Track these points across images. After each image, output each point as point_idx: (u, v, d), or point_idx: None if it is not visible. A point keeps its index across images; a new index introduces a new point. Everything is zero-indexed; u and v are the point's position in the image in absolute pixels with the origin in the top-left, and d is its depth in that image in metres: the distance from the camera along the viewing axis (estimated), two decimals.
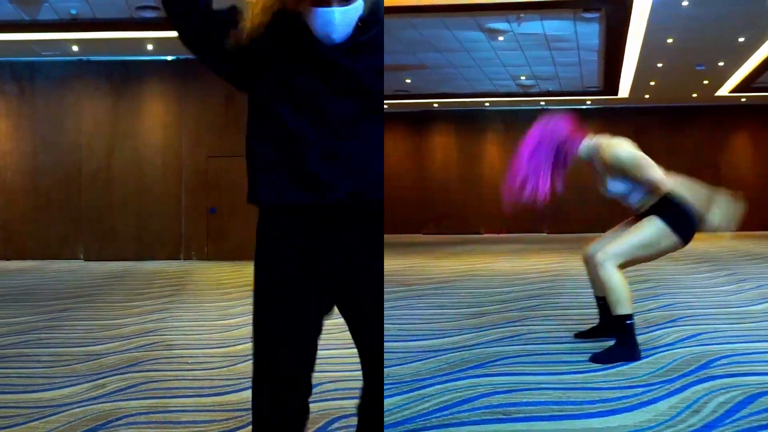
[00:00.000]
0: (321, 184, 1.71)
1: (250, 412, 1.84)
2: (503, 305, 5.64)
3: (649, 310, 5.19)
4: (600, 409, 2.85)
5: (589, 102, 17.36)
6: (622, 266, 3.62)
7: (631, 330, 3.55)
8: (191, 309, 6.15)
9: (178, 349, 4.48)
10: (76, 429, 2.89)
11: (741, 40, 11.78)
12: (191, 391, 3.47)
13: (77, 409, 3.17)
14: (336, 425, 2.86)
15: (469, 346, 4.10)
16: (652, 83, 15.14)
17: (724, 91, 15.93)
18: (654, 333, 4.34)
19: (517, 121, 18.17)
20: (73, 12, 9.86)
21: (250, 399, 1.82)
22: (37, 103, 12.11)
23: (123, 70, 12.01)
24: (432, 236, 17.15)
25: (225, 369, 3.92)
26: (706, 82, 15.08)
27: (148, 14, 9.97)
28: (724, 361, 3.58)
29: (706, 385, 3.15)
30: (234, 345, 4.55)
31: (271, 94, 1.77)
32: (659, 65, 13.48)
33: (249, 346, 4.37)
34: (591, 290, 4.15)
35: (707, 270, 8.02)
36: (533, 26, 10.91)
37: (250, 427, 1.87)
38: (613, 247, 3.61)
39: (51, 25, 10.39)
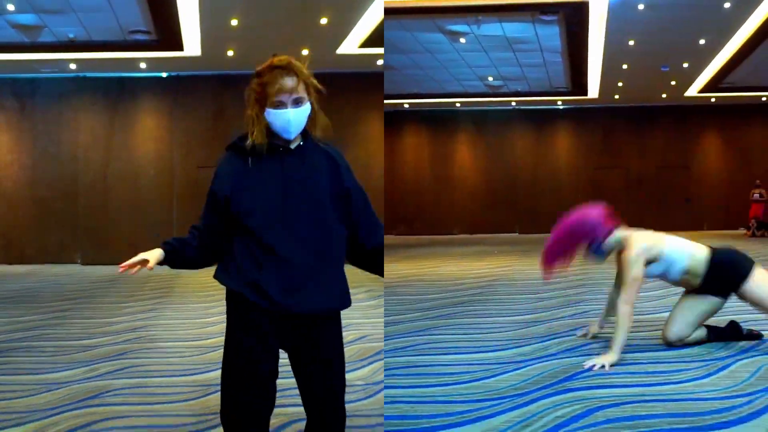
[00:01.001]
0: (278, 305, 2.16)
1: (213, 390, 2.46)
2: (422, 313, 5.90)
3: (560, 318, 5.17)
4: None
5: (560, 103, 17.72)
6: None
7: None
8: (176, 309, 6.95)
9: (161, 341, 5.28)
10: (74, 398, 3.70)
11: (702, 42, 12.15)
12: (167, 373, 4.28)
13: (75, 386, 3.98)
14: None
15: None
16: (620, 84, 15.49)
17: (692, 91, 16.24)
18: (546, 343, 4.31)
19: (488, 122, 18.64)
20: (71, 36, 10.66)
21: (216, 380, 2.39)
22: (36, 117, 12.91)
23: (118, 86, 12.82)
24: (403, 237, 17.10)
25: (196, 357, 4.72)
26: (673, 83, 15.44)
27: (141, 37, 10.78)
28: (589, 372, 3.54)
29: (556, 398, 3.11)
30: (207, 339, 5.35)
31: (241, 206, 2.20)
32: (624, 66, 13.85)
33: (219, 340, 5.23)
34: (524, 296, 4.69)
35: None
36: (493, 28, 11.17)
37: (212, 397, 2.61)
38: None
39: (50, 46, 11.19)
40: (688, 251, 4.04)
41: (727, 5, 10.26)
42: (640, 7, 10.22)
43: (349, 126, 13.08)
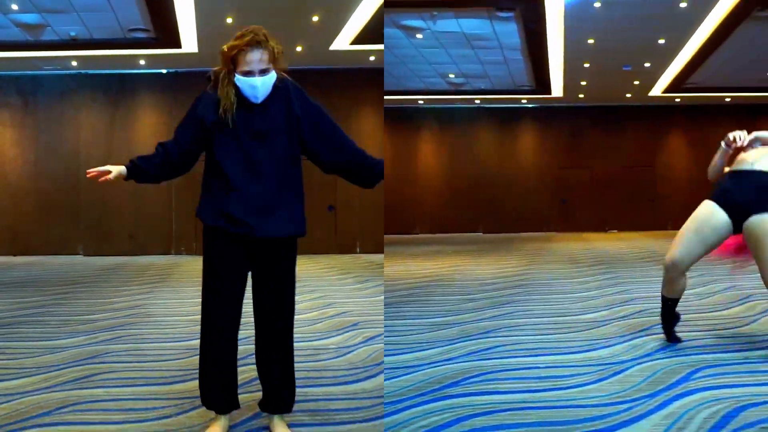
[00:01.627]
0: (245, 225, 2.60)
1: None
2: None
3: (479, 320, 4.86)
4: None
5: (524, 101, 17.46)
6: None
7: None
8: (173, 291, 7.37)
9: (156, 316, 5.71)
10: (76, 358, 4.14)
11: (661, 42, 12.17)
12: (160, 340, 4.70)
13: (77, 349, 4.42)
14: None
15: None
16: (584, 83, 15.43)
17: (657, 91, 16.26)
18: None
19: (452, 120, 18.31)
20: (72, 34, 11.08)
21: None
22: (39, 114, 13.34)
23: (118, 83, 13.23)
24: None
25: (189, 327, 5.14)
26: (637, 82, 15.42)
27: (140, 35, 11.19)
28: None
29: (430, 405, 2.97)
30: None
31: (218, 149, 2.67)
32: (586, 65, 13.79)
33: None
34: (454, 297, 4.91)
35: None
36: (449, 24, 10.98)
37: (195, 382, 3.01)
38: None
39: (52, 45, 11.60)
40: None
41: (683, 5, 10.29)
42: (597, 5, 10.22)
43: (343, 121, 13.44)
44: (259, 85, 2.63)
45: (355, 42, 11.66)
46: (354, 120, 13.59)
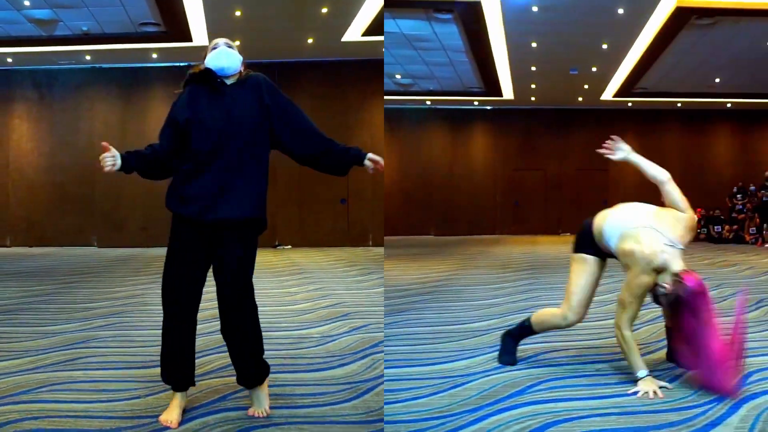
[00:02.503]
0: (194, 208, 2.74)
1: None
2: None
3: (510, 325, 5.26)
4: None
5: (476, 103, 17.30)
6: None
7: None
8: None
9: (153, 305, 5.81)
10: (65, 343, 4.25)
11: (604, 47, 12.22)
12: (150, 327, 4.80)
13: (68, 335, 4.53)
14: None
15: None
16: (533, 86, 15.43)
17: (608, 95, 16.23)
18: (494, 354, 3.80)
19: (402, 120, 17.77)
20: (84, 29, 11.25)
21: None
22: (54, 107, 13.57)
23: (131, 77, 13.41)
24: None
25: None
26: (586, 86, 15.42)
27: (151, 29, 11.34)
28: (543, 386, 3.26)
29: (506, 414, 2.88)
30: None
31: (189, 140, 2.78)
32: (533, 68, 13.77)
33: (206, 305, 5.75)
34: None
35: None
36: (387, 25, 10.86)
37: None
38: None
39: (66, 39, 11.80)
40: None
41: (620, 11, 10.35)
42: (534, 9, 10.21)
43: (354, 113, 13.55)
44: (224, 53, 2.84)
45: (366, 33, 11.69)
46: (366, 111, 13.65)
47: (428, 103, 17.32)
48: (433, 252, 12.00)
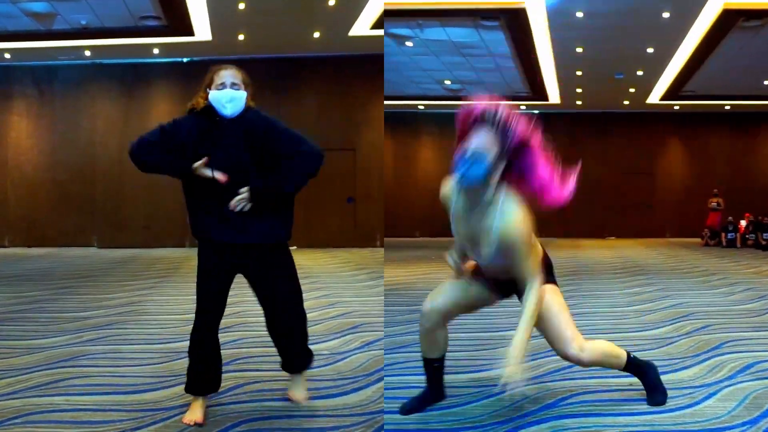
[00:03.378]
0: (232, 233, 2.85)
1: (182, 356, 2.66)
2: None
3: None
4: None
5: (523, 107, 17.13)
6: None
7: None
8: (176, 287, 7.12)
9: (149, 314, 5.44)
10: (50, 360, 3.87)
11: (650, 50, 12.13)
12: (144, 341, 4.42)
13: (55, 350, 4.14)
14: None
15: None
16: (579, 90, 15.37)
17: (654, 98, 16.10)
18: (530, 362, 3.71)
19: (452, 125, 18.18)
20: (83, 22, 10.88)
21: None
22: (55, 104, 13.21)
23: (133, 72, 13.04)
24: None
25: (178, 327, 4.85)
26: (632, 90, 15.31)
27: (151, 23, 10.96)
28: (574, 399, 3.21)
29: (542, 426, 2.86)
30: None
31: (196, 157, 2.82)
32: (578, 73, 13.76)
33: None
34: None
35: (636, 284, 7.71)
36: (436, 33, 11.15)
37: (178, 362, 2.71)
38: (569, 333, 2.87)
39: (65, 34, 11.42)
40: None
41: (666, 15, 10.26)
42: (579, 14, 10.18)
43: (363, 108, 13.14)
44: (228, 96, 2.84)
45: (375, 27, 11.27)
46: (374, 107, 13.24)
47: None
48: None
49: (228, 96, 2.83)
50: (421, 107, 17.79)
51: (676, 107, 17.05)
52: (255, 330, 4.58)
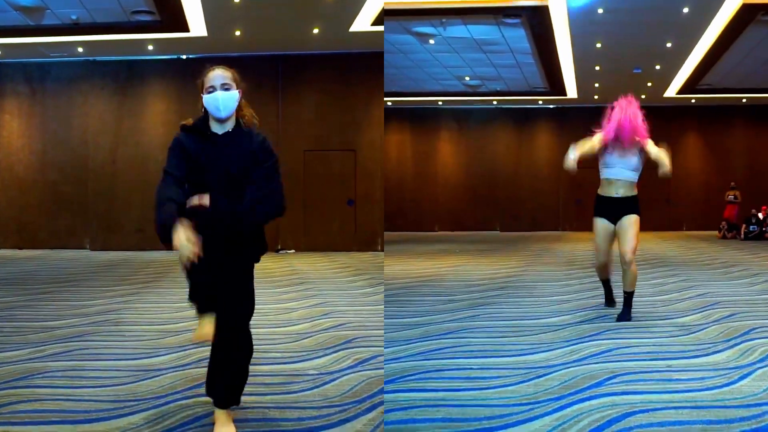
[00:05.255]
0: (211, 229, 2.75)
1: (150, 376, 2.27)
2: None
3: (580, 322, 5.24)
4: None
5: (540, 102, 17.65)
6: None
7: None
8: (160, 293, 6.70)
9: (126, 324, 5.02)
10: (3, 379, 3.43)
11: (669, 45, 12.18)
12: (112, 357, 3.99)
13: (10, 367, 3.72)
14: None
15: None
16: (597, 85, 15.43)
17: (671, 92, 16.15)
18: (568, 348, 4.04)
19: (470, 120, 18.69)
20: (74, 17, 10.48)
21: (159, 365, 2.86)
22: (47, 102, 12.81)
23: (127, 70, 12.63)
24: (385, 233, 16.57)
25: (153, 341, 4.43)
26: (650, 84, 15.31)
27: (144, 18, 10.55)
28: (618, 379, 3.39)
29: (587, 404, 3.00)
30: (175, 323, 5.06)
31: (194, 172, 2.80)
32: (597, 68, 13.82)
33: (187, 324, 4.92)
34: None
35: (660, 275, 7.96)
36: (458, 30, 11.31)
37: (144, 383, 2.30)
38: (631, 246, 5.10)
39: (55, 29, 11.02)
40: None
41: (685, 10, 10.31)
42: (600, 11, 10.25)
43: (365, 108, 12.69)
44: (220, 98, 2.78)
45: (376, 23, 10.84)
46: (375, 106, 12.78)
47: (495, 103, 18.07)
48: (500, 248, 12.13)
49: (218, 100, 2.77)
50: (440, 103, 18.16)
51: (693, 101, 17.09)
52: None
